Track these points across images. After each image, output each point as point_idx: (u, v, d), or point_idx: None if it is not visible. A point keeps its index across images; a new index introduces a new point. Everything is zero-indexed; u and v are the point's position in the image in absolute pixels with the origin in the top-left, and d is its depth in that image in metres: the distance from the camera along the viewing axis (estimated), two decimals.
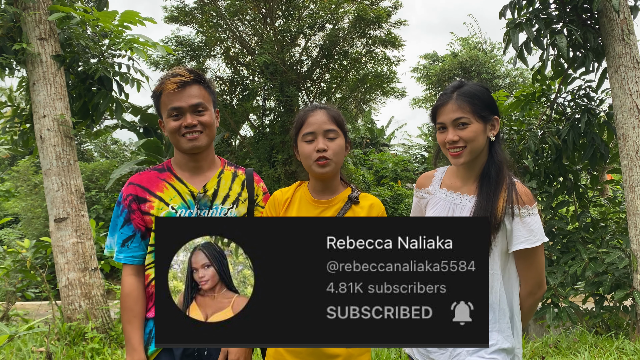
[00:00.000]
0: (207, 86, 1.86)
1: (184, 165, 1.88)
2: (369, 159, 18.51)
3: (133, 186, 1.83)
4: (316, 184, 1.92)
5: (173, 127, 1.79)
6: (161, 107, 1.83)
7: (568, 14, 5.32)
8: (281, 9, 12.20)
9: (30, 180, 13.68)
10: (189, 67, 1.89)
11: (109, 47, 5.81)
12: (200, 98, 1.81)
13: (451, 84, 1.83)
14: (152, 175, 1.87)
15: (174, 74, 1.80)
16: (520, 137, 5.66)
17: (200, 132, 1.80)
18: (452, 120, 1.73)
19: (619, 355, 4.28)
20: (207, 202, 1.84)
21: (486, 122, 1.76)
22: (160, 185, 1.84)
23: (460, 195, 1.83)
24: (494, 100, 1.81)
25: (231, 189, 1.90)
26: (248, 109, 12.26)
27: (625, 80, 4.89)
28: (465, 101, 1.73)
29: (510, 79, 20.94)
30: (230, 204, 1.87)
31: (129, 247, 1.80)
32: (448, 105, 1.75)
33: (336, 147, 1.83)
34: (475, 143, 1.73)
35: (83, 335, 4.85)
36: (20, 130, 6.21)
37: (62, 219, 5.20)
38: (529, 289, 1.75)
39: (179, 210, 1.80)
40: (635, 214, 4.83)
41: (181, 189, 1.84)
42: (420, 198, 1.98)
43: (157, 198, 1.81)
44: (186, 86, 1.78)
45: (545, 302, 5.02)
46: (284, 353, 1.82)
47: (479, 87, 1.79)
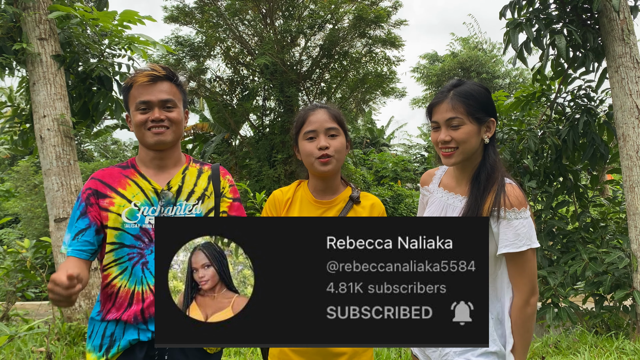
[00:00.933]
0: (178, 84, 1.84)
1: (148, 162, 1.85)
2: (369, 159, 18.51)
3: (94, 181, 1.81)
4: (317, 183, 1.91)
5: (139, 120, 1.76)
6: (130, 100, 1.80)
7: (568, 14, 5.32)
8: (281, 9, 12.21)
9: (30, 180, 13.68)
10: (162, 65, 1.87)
11: (108, 46, 5.81)
12: (171, 95, 1.79)
13: (450, 81, 1.80)
14: (115, 172, 1.83)
15: (148, 67, 1.79)
16: (520, 137, 5.66)
17: (166, 127, 1.78)
18: (445, 120, 1.70)
19: (619, 355, 4.28)
20: (171, 199, 1.80)
21: (481, 124, 1.71)
22: (122, 181, 1.80)
23: (454, 196, 1.82)
24: (492, 101, 1.77)
25: (196, 185, 1.86)
26: (248, 109, 12.27)
27: (625, 80, 4.89)
28: (459, 101, 1.69)
29: (510, 79, 20.96)
30: (195, 200, 1.83)
31: (79, 240, 1.74)
32: (443, 104, 1.71)
33: (338, 145, 1.83)
34: (468, 145, 1.69)
35: (83, 335, 4.86)
36: (20, 130, 6.21)
37: (62, 218, 5.20)
38: (523, 297, 1.65)
39: (141, 207, 1.76)
40: (635, 214, 4.83)
41: (144, 186, 1.80)
42: (423, 195, 2.00)
43: (118, 195, 1.77)
44: (157, 81, 1.77)
45: (545, 302, 5.02)
46: (289, 352, 1.81)
47: (477, 87, 1.74)
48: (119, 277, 1.75)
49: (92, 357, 1.75)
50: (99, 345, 1.75)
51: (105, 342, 1.74)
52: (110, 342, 1.73)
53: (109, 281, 1.76)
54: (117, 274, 1.75)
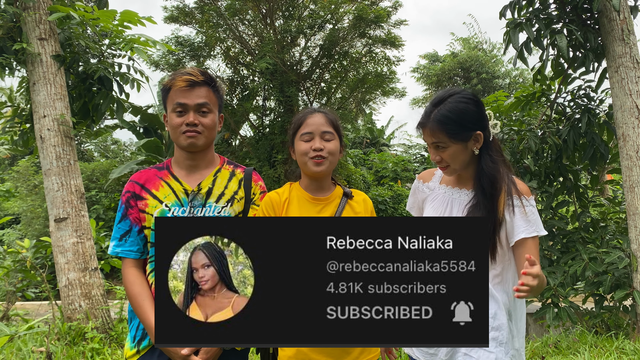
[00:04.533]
0: (216, 90, 1.88)
1: (181, 163, 1.90)
2: (369, 159, 18.49)
3: (132, 183, 1.88)
4: (310, 183, 1.97)
5: (176, 122, 1.82)
6: (168, 101, 1.86)
7: (568, 14, 5.32)
8: (281, 9, 12.20)
9: (30, 180, 13.67)
10: (200, 68, 1.91)
11: (109, 46, 5.81)
12: (207, 99, 1.83)
13: (432, 99, 1.82)
14: (151, 173, 1.90)
15: (186, 72, 1.83)
16: (520, 137, 5.66)
17: (199, 132, 1.82)
18: (431, 143, 1.79)
19: (619, 355, 4.28)
20: (200, 200, 1.84)
21: (467, 141, 1.75)
22: (156, 183, 1.86)
23: (459, 190, 1.87)
24: (475, 115, 1.76)
25: (227, 188, 1.90)
26: (248, 109, 12.26)
27: (625, 80, 4.88)
28: (437, 128, 1.73)
29: (510, 79, 20.95)
30: (224, 203, 1.87)
31: (126, 241, 1.84)
32: (425, 129, 1.79)
33: (332, 148, 1.90)
34: (457, 161, 1.78)
35: (83, 335, 4.86)
36: (20, 130, 6.21)
37: (62, 219, 5.20)
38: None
39: (172, 208, 1.81)
40: (635, 214, 4.83)
41: (176, 187, 1.85)
42: (420, 191, 2.02)
43: (151, 196, 1.83)
44: (195, 86, 1.81)
45: (545, 302, 5.02)
46: (308, 352, 1.80)
47: (458, 105, 1.73)
48: (151, 274, 1.83)
49: (127, 346, 1.87)
50: (133, 337, 1.85)
51: (138, 334, 1.84)
52: (143, 335, 1.83)
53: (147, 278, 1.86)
54: (150, 271, 1.85)
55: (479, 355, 1.71)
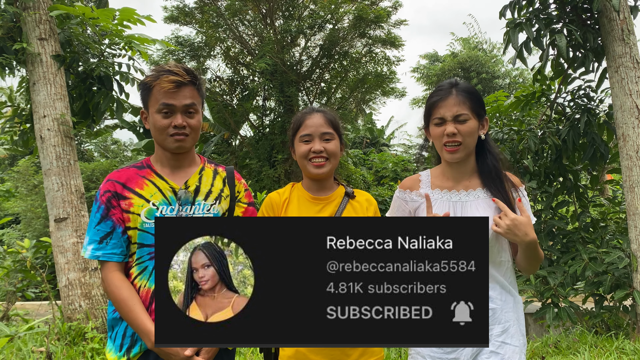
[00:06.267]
0: (199, 88, 1.85)
1: (165, 162, 1.86)
2: (369, 159, 18.49)
3: (112, 182, 1.79)
4: (311, 183, 1.97)
5: (162, 124, 1.76)
6: (150, 100, 1.79)
7: (568, 14, 5.32)
8: (281, 9, 12.21)
9: (30, 180, 13.67)
10: (184, 65, 1.86)
11: (109, 46, 5.81)
12: (193, 99, 1.79)
13: (447, 81, 1.85)
14: (131, 172, 1.83)
15: (171, 71, 1.76)
16: (520, 137, 5.66)
17: (186, 135, 1.79)
18: (454, 115, 1.74)
19: (619, 355, 4.28)
20: (189, 198, 1.81)
21: (480, 120, 1.80)
22: (140, 182, 1.80)
23: (457, 193, 1.83)
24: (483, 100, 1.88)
25: (213, 186, 1.88)
26: (248, 109, 12.27)
27: (625, 80, 4.88)
28: (466, 97, 1.76)
29: (510, 79, 20.95)
30: (212, 200, 1.85)
31: (107, 243, 1.73)
32: (449, 99, 1.76)
33: (332, 148, 1.90)
34: (471, 139, 1.77)
35: (83, 335, 4.85)
36: (20, 130, 6.21)
37: (62, 219, 5.20)
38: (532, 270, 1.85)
39: (160, 206, 1.77)
40: (635, 214, 4.83)
41: (162, 186, 1.81)
42: (409, 201, 1.90)
43: (136, 195, 1.77)
44: (182, 87, 1.77)
45: (545, 302, 5.02)
46: (307, 353, 1.81)
47: (473, 87, 1.85)
48: (139, 276, 1.75)
49: (112, 356, 1.75)
50: (119, 345, 1.74)
51: (126, 342, 1.74)
52: (132, 342, 1.73)
53: (130, 281, 1.76)
54: (137, 273, 1.75)
55: (505, 351, 1.72)
